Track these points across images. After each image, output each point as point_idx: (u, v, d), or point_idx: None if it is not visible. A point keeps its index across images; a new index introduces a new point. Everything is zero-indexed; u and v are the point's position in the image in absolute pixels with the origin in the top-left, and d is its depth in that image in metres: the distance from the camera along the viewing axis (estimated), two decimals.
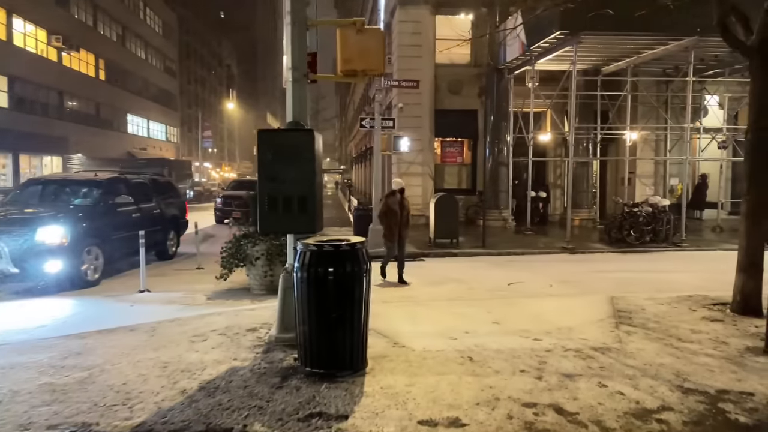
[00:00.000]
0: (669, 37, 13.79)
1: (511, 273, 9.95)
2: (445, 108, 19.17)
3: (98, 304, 7.39)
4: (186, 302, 7.38)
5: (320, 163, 4.88)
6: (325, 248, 4.12)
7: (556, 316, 6.18)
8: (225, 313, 6.09)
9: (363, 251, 4.26)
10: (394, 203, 8.82)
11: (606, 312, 6.28)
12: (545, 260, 11.97)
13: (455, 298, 7.60)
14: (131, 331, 5.45)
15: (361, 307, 4.26)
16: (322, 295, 4.13)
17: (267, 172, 4.63)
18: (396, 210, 8.77)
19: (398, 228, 8.81)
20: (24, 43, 29.73)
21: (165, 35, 54.19)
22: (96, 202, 9.45)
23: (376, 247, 13.22)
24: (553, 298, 7.54)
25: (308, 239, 4.36)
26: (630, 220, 14.21)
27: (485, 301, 7.28)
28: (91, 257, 8.85)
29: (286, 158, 4.61)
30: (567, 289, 8.38)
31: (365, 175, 34.24)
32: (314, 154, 4.62)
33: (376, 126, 13.37)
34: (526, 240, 14.76)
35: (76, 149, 33.90)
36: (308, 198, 4.62)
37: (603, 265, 11.12)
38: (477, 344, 4.98)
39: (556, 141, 19.60)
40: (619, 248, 13.38)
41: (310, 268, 4.12)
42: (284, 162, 4.61)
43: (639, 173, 19.33)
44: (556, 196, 20.49)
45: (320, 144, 4.92)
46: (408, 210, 9.10)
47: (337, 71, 5.04)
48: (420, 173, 18.90)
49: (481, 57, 19.06)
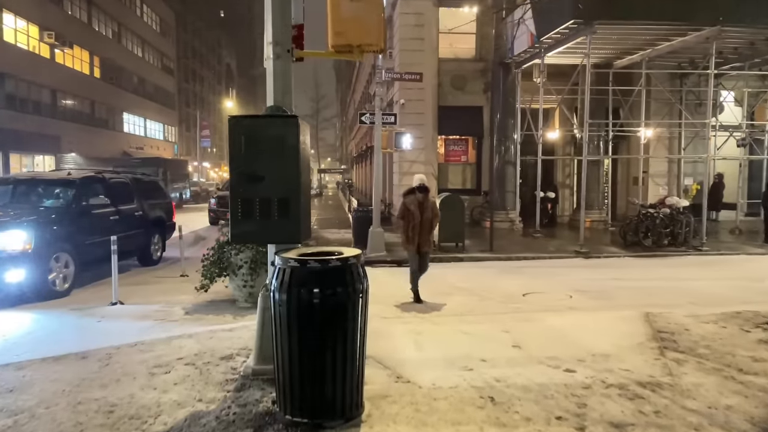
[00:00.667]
0: (689, 27, 12.89)
1: (523, 281, 9.07)
2: (449, 104, 18.30)
3: (60, 320, 6.51)
4: (160, 317, 6.51)
5: (307, 158, 4.00)
6: (310, 264, 3.25)
7: (585, 336, 5.30)
8: (198, 335, 5.21)
9: (358, 267, 3.39)
10: (412, 203, 7.38)
11: (644, 332, 5.40)
12: (558, 266, 11.09)
13: (465, 312, 6.72)
14: (83, 358, 4.58)
15: (356, 338, 3.39)
16: (305, 323, 3.26)
17: (240, 169, 3.75)
18: (414, 211, 7.33)
19: (417, 234, 7.34)
20: (15, 40, 28.87)
21: (162, 33, 53.33)
22: (68, 204, 8.58)
23: (377, 251, 12.38)
24: (576, 313, 6.66)
25: (289, 251, 3.49)
26: (647, 223, 13.35)
27: (500, 317, 6.40)
28: (59, 265, 7.98)
29: (265, 151, 3.73)
30: (589, 300, 7.50)
31: (366, 175, 33.39)
32: (298, 147, 3.74)
33: (377, 122, 12.50)
34: (536, 243, 13.88)
35: (69, 148, 33.08)
36: (291, 200, 3.74)
37: (622, 272, 10.24)
38: (498, 378, 4.10)
39: (564, 139, 18.73)
40: (636, 252, 12.50)
41: (290, 290, 3.24)
42: (262, 156, 3.73)
43: (652, 172, 18.41)
44: (564, 196, 19.62)
45: (307, 135, 4.04)
46: (434, 213, 7.51)
47: (328, 46, 4.16)
48: (423, 172, 17.84)
49: (486, 51, 18.18)
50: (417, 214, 7.31)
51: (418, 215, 7.31)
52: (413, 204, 7.37)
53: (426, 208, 7.39)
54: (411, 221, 7.33)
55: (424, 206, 7.38)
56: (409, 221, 7.34)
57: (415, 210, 7.33)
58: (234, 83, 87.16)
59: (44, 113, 31.77)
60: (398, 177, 18.32)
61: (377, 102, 12.62)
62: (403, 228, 7.45)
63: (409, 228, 7.36)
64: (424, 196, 7.41)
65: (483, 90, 18.39)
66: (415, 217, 7.31)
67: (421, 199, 7.38)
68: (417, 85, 17.08)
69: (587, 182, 13.84)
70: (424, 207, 7.38)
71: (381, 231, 12.46)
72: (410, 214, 7.34)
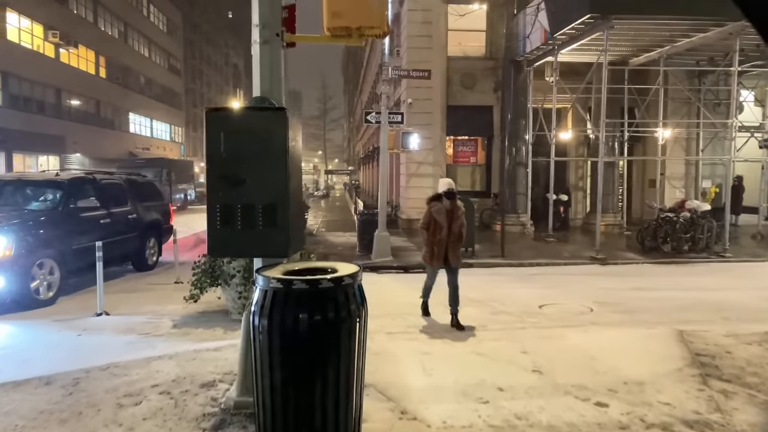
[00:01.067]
0: (711, 22, 12.25)
1: (538, 290, 8.49)
2: (458, 104, 17.73)
3: (37, 334, 6.01)
4: (146, 331, 5.99)
5: (298, 158, 3.46)
6: (295, 285, 2.70)
7: (613, 359, 4.72)
8: (179, 356, 4.67)
9: (354, 288, 2.84)
10: (440, 212, 6.25)
11: (680, 355, 4.81)
12: (574, 273, 10.48)
13: (478, 327, 6.14)
14: (46, 384, 4.06)
15: (351, 371, 2.84)
16: (289, 355, 2.72)
17: (219, 170, 3.21)
18: (442, 221, 6.21)
19: (444, 248, 6.23)
20: (19, 39, 28.59)
21: (169, 32, 53.08)
22: (54, 206, 8.08)
23: (382, 256, 11.83)
24: (599, 329, 6.07)
25: (275, 268, 2.95)
26: (666, 227, 12.71)
27: (516, 333, 5.83)
28: (43, 272, 7.48)
29: (248, 150, 3.19)
30: (611, 314, 6.91)
31: (372, 176, 32.88)
32: (287, 144, 3.20)
33: (383, 121, 11.95)
34: (549, 248, 13.27)
35: (74, 148, 32.77)
36: (278, 207, 3.20)
37: (643, 281, 9.62)
38: (519, 414, 3.53)
39: (577, 140, 18.11)
40: (655, 259, 11.87)
41: (272, 315, 2.70)
42: (244, 155, 3.19)
43: (668, 175, 17.76)
44: (577, 199, 18.98)
45: (298, 131, 3.49)
46: (461, 222, 6.36)
47: (324, 29, 3.61)
48: (430, 174, 17.43)
49: (496, 49, 17.60)
50: (445, 224, 6.21)
51: (446, 226, 6.21)
52: (441, 212, 6.25)
53: (456, 218, 6.28)
54: (437, 233, 6.22)
55: (453, 215, 6.28)
56: (435, 233, 6.24)
57: (443, 220, 6.22)
58: (241, 84, 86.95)
59: (48, 113, 31.49)
60: (405, 179, 17.77)
61: (384, 100, 12.08)
62: (427, 240, 6.38)
63: (435, 241, 6.26)
64: (453, 203, 6.31)
65: (493, 89, 17.81)
66: (443, 229, 6.20)
67: (449, 207, 6.27)
68: (425, 83, 16.54)
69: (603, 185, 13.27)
70: (454, 216, 6.28)
71: (387, 235, 11.91)
72: (437, 225, 6.24)
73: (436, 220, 6.27)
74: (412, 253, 12.60)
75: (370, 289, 8.16)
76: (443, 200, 6.32)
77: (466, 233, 6.63)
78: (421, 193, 17.51)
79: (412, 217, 17.46)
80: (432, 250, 6.36)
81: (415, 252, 12.76)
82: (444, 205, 6.29)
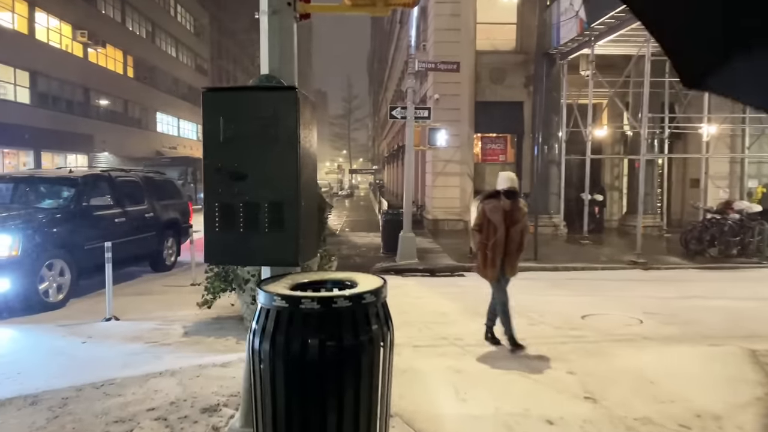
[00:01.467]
0: None
1: (578, 298, 7.82)
2: (487, 100, 17.04)
3: (39, 340, 5.63)
4: (154, 339, 5.56)
5: (311, 147, 2.93)
6: (304, 304, 2.17)
7: (677, 384, 4.08)
8: (183, 372, 4.19)
9: (378, 306, 2.29)
10: (496, 211, 5.32)
11: (755, 380, 4.14)
12: (615, 279, 9.76)
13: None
14: (32, 404, 3.61)
15: (373, 406, 2.30)
16: (297, 386, 2.19)
17: (217, 163, 2.70)
18: (497, 223, 5.29)
19: (500, 254, 5.31)
20: (47, 38, 28.89)
21: (196, 33, 53.45)
22: (66, 205, 7.74)
23: (407, 258, 11.26)
24: (654, 346, 5.40)
25: (281, 280, 2.43)
26: (712, 230, 11.85)
27: (559, 348, 5.21)
28: (53, 273, 7.13)
29: (252, 138, 2.68)
30: (664, 326, 6.22)
31: (397, 175, 32.33)
32: (298, 131, 2.67)
33: (408, 116, 11.38)
34: (584, 251, 12.52)
35: (102, 147, 33.08)
36: (286, 206, 2.67)
37: (691, 288, 8.84)
38: None
39: (613, 137, 17.25)
40: (701, 264, 11.05)
41: (275, 338, 2.18)
42: (247, 144, 2.67)
43: (711, 174, 16.74)
44: (612, 199, 18.11)
45: (311, 116, 2.95)
46: (523, 226, 5.45)
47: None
48: (458, 173, 16.81)
49: (527, 42, 16.88)
50: (501, 226, 5.27)
51: (503, 228, 5.27)
52: (497, 212, 5.31)
53: (516, 220, 5.34)
54: (492, 236, 5.29)
55: (512, 216, 5.33)
56: (490, 236, 5.31)
57: (499, 221, 5.28)
58: None
59: (77, 112, 31.80)
60: (431, 177, 17.16)
61: (409, 95, 11.51)
62: (479, 244, 5.44)
63: (489, 245, 5.32)
64: (513, 203, 5.36)
65: (524, 84, 17.09)
66: (498, 231, 5.27)
67: (508, 207, 5.32)
68: (452, 78, 15.93)
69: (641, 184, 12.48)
70: (513, 218, 5.33)
71: (412, 236, 11.34)
72: (491, 227, 5.31)
73: (490, 220, 5.31)
74: (439, 255, 12.01)
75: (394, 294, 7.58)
76: (501, 198, 5.33)
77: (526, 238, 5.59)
78: (448, 193, 16.92)
79: (439, 218, 16.86)
80: (486, 256, 5.36)
81: (441, 254, 12.17)
82: (502, 204, 5.31)
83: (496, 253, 5.28)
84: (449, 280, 9.85)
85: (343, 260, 11.55)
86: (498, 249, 5.27)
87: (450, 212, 16.75)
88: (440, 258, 11.68)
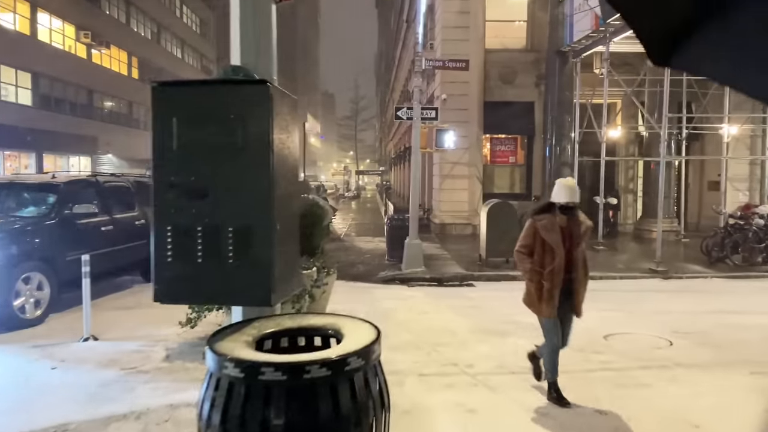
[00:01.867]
0: None
1: (597, 312, 7.16)
2: (496, 100, 16.48)
3: (5, 365, 5.12)
4: (131, 364, 5.04)
5: (290, 155, 2.37)
6: (265, 374, 1.61)
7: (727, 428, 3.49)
8: (150, 414, 3.64)
9: (369, 372, 1.73)
10: (551, 229, 4.11)
11: None
12: (634, 289, 9.15)
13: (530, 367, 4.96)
14: None
15: None
16: None
17: (170, 176, 2.15)
18: (555, 244, 4.08)
19: (558, 285, 4.08)
20: (50, 39, 28.59)
21: (202, 34, 53.18)
22: (46, 213, 7.24)
23: (413, 267, 10.66)
24: (690, 375, 4.80)
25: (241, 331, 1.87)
26: (736, 236, 11.20)
27: (583, 378, 4.63)
28: (30, 287, 6.62)
29: (213, 144, 2.13)
30: (697, 349, 5.62)
31: (404, 177, 31.78)
32: (270, 135, 2.11)
33: (415, 117, 10.82)
34: (600, 258, 11.90)
35: (106, 149, 32.77)
36: (256, 231, 2.12)
37: (720, 301, 8.22)
38: None
39: (627, 138, 16.62)
40: (725, 272, 10.43)
41: (228, 413, 1.63)
42: (208, 152, 2.12)
43: (730, 176, 16.06)
44: (627, 202, 17.48)
45: (290, 116, 2.40)
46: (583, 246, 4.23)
47: None
48: (466, 175, 16.24)
49: (538, 40, 16.29)
50: (560, 248, 4.06)
51: (562, 251, 4.06)
52: (553, 231, 4.09)
53: (578, 240, 4.14)
54: (549, 261, 4.06)
55: (573, 235, 4.13)
56: (545, 261, 4.08)
57: (558, 242, 4.06)
58: None
59: (80, 114, 31.50)
60: (439, 180, 16.59)
61: (416, 94, 10.95)
62: (530, 271, 4.16)
63: (545, 273, 4.07)
64: (574, 219, 4.17)
65: (534, 83, 16.51)
66: (557, 255, 4.04)
67: (566, 224, 4.13)
68: (460, 78, 15.38)
69: (658, 187, 11.87)
70: (574, 237, 4.13)
71: (419, 243, 10.78)
72: (547, 250, 4.08)
73: (545, 241, 4.09)
74: (447, 263, 11.44)
75: (399, 308, 6.97)
76: (555, 212, 4.15)
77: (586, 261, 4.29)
78: (456, 196, 16.33)
79: (446, 222, 16.29)
80: (540, 289, 4.10)
81: (449, 261, 11.59)
82: (558, 221, 4.12)
83: (555, 283, 4.05)
84: (458, 291, 9.28)
85: (346, 268, 11.00)
86: (557, 278, 4.05)
87: (458, 216, 16.18)
88: (448, 266, 11.11)
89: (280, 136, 2.20)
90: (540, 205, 4.37)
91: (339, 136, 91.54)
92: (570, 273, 4.11)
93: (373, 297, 8.36)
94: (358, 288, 9.09)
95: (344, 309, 7.24)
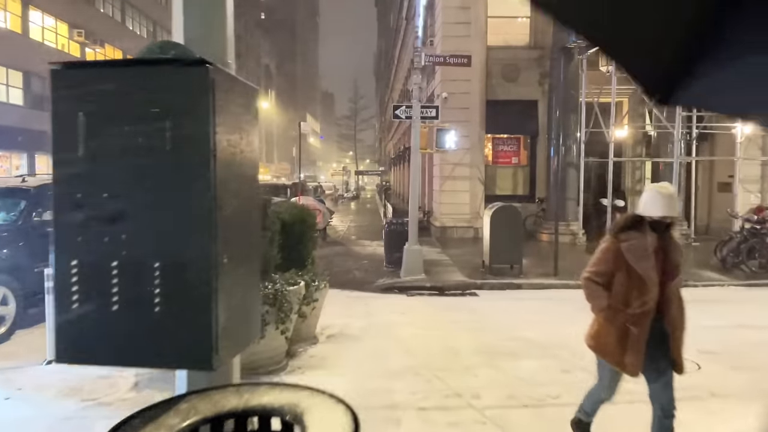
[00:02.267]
0: None
1: None
2: (499, 98, 15.94)
3: None
4: (94, 395, 4.49)
5: (247, 160, 1.79)
6: None
7: None
8: None
9: None
10: (642, 255, 2.94)
11: None
12: None
13: (547, 397, 4.39)
14: None
15: None
16: None
17: (73, 191, 1.57)
18: (646, 275, 2.93)
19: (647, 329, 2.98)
20: (42, 38, 28.05)
21: None
22: (13, 220, 6.67)
23: (413, 274, 10.10)
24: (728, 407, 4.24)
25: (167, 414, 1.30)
26: (752, 241, 10.64)
27: (604, 412, 4.03)
28: None
29: (133, 148, 1.55)
30: (731, 374, 5.05)
31: (403, 178, 31.24)
32: (212, 136, 1.53)
33: (414, 116, 10.26)
34: None
35: None
36: (193, 267, 1.54)
37: (743, 313, 7.64)
38: None
39: (634, 137, 16.06)
40: (742, 280, 9.92)
41: None
42: (126, 159, 1.54)
43: (741, 177, 15.49)
44: (633, 204, 16.87)
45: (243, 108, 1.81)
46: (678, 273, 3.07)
47: None
48: (468, 176, 15.68)
49: (542, 37, 15.74)
50: (654, 279, 2.95)
51: (655, 279, 2.95)
52: (643, 255, 2.95)
53: (674, 270, 3.05)
54: (636, 297, 2.95)
55: (669, 262, 3.03)
56: (631, 297, 2.97)
57: (649, 270, 2.94)
58: (273, 84, 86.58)
59: None
60: (439, 182, 16.02)
61: (415, 92, 10.38)
62: (605, 310, 3.06)
63: (630, 314, 2.97)
64: (669, 240, 3.06)
65: (538, 81, 15.96)
66: (650, 290, 2.94)
67: (657, 245, 2.97)
68: (461, 76, 14.82)
69: None
70: (671, 265, 3.04)
71: (419, 249, 10.22)
72: (634, 281, 2.96)
73: (631, 270, 2.96)
74: (448, 269, 10.87)
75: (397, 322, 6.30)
76: (647, 232, 2.96)
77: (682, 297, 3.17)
78: (457, 198, 15.76)
79: (447, 225, 15.73)
80: (625, 336, 2.99)
81: (451, 267, 11.01)
82: (650, 241, 2.95)
83: (645, 328, 2.95)
84: (460, 301, 8.71)
85: (342, 275, 10.45)
86: (647, 321, 2.95)
87: (459, 219, 15.62)
88: (449, 273, 10.54)
89: (228, 136, 1.62)
90: (626, 220, 3.11)
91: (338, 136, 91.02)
92: (660, 312, 3.01)
93: (369, 309, 7.79)
94: (353, 298, 8.53)
95: (338, 323, 6.66)
